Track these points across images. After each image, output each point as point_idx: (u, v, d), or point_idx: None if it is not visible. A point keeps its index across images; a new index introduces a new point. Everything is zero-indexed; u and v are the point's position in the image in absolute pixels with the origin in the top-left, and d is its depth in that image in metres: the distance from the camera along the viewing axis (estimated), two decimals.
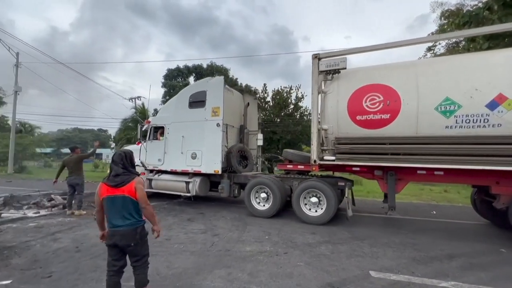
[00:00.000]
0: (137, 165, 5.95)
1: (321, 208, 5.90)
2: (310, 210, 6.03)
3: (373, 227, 5.81)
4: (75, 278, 3.14)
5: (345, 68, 5.78)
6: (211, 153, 7.19)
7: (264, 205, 6.51)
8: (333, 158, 5.73)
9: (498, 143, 4.55)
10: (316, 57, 5.98)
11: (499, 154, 4.53)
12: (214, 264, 3.62)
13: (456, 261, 3.92)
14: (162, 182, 7.94)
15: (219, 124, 7.12)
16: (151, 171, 8.28)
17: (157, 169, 8.15)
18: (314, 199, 5.98)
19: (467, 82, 4.84)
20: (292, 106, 19.99)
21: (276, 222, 5.98)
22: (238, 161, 7.70)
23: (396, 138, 5.23)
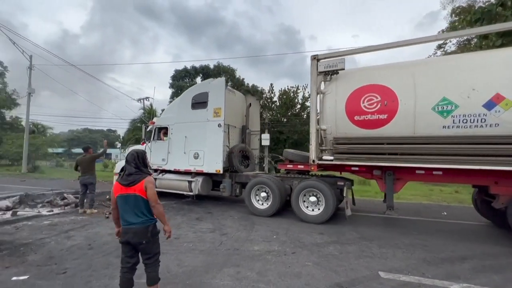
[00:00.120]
0: None
1: (320, 207, 5.91)
2: (308, 209, 6.05)
3: (381, 227, 5.77)
4: (88, 274, 3.23)
5: (344, 69, 5.78)
6: (213, 153, 7.30)
7: (263, 204, 6.56)
8: (332, 158, 5.74)
9: (496, 143, 4.51)
10: (314, 58, 6.00)
11: (497, 154, 4.49)
12: (223, 262, 3.66)
13: (468, 262, 3.85)
14: (166, 181, 8.08)
15: (221, 125, 7.22)
16: (155, 170, 8.43)
17: (161, 168, 8.29)
18: (313, 198, 6.00)
19: (464, 82, 4.81)
20: (299, 106, 19.94)
21: (283, 222, 6.00)
22: (239, 161, 7.81)
23: (393, 138, 5.23)
